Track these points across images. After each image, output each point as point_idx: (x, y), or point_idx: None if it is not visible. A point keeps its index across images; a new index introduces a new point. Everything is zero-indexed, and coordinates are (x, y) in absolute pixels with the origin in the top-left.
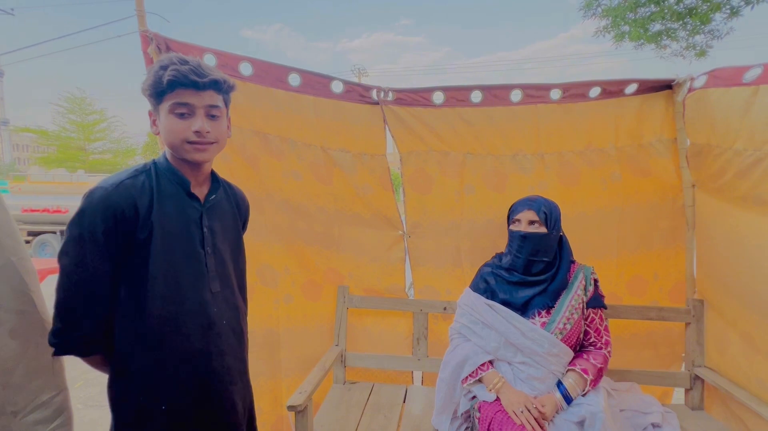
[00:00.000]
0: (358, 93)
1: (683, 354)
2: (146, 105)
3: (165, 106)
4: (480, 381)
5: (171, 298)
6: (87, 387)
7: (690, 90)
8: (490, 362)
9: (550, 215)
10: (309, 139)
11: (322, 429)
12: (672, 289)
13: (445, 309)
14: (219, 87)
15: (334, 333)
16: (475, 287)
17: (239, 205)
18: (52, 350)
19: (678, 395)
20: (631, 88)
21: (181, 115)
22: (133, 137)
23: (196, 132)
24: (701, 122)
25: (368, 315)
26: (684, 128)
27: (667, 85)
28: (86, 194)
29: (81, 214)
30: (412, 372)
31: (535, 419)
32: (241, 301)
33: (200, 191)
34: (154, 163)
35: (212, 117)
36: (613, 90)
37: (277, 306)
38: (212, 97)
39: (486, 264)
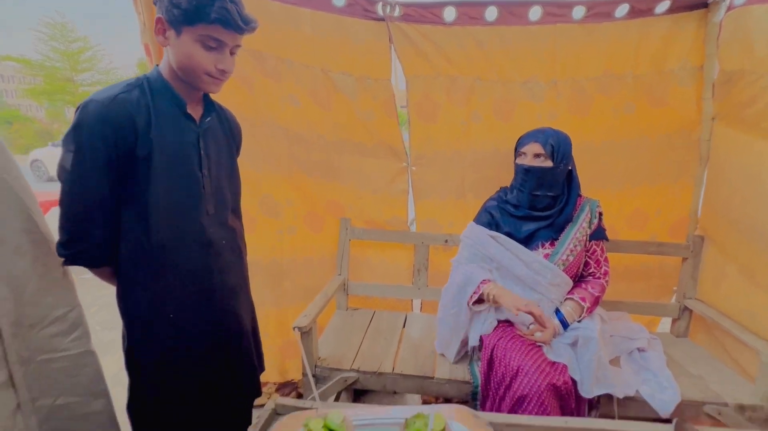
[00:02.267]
0: (361, 7)
1: (674, 288)
2: (132, 38)
3: (194, 32)
4: (481, 298)
5: (172, 218)
6: (101, 311)
7: (729, 8)
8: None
9: (557, 148)
10: (307, 59)
11: (326, 350)
12: (673, 225)
13: (446, 241)
14: (252, 31)
15: (336, 263)
16: (479, 221)
17: (232, 129)
18: (60, 268)
19: (663, 325)
20: (663, 7)
21: (209, 48)
22: (121, 69)
23: (221, 70)
24: (737, 45)
25: (370, 247)
26: (716, 53)
27: (702, 3)
28: (79, 108)
29: (77, 127)
30: (412, 300)
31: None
32: (238, 222)
33: (195, 112)
34: (147, 78)
35: (232, 53)
36: (642, 8)
37: (280, 238)
38: (241, 39)
39: (491, 198)
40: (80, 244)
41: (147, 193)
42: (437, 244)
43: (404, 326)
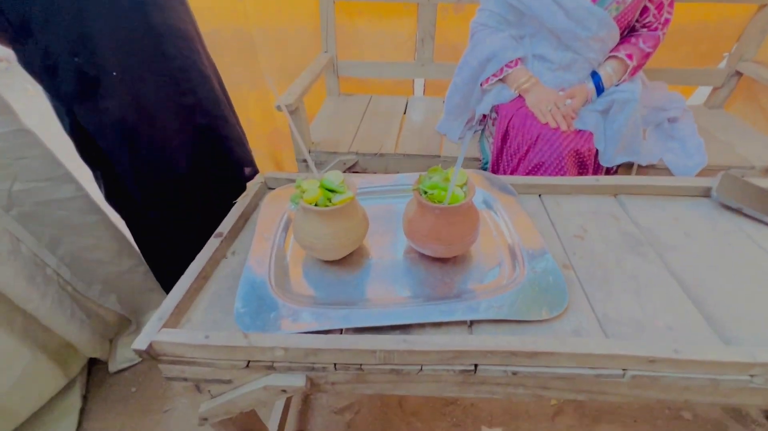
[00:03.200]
0: None
1: (727, 53)
2: None
3: None
4: (502, 81)
5: None
6: None
7: None
8: (520, 59)
9: None
10: None
11: (320, 134)
12: None
13: None
14: None
15: (321, 37)
16: None
17: None
18: None
19: (695, 100)
20: None
21: None
22: None
23: None
24: None
25: (361, 14)
26: None
27: None
28: None
29: None
30: (413, 83)
31: (563, 116)
32: None
33: None
34: None
35: None
36: None
37: None
38: None
39: None
40: None
41: None
42: (448, 2)
43: (405, 111)
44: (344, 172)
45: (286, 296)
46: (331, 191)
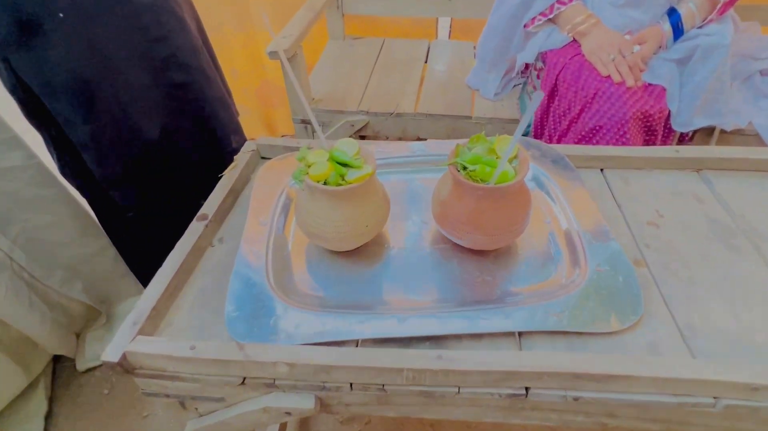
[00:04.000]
0: None
1: None
2: None
3: None
4: (552, 21)
5: None
6: None
7: None
8: None
9: None
10: None
11: (322, 88)
12: None
13: None
14: None
15: None
16: None
17: None
18: None
19: None
20: None
21: None
22: None
23: None
24: None
25: None
26: None
27: None
28: None
29: None
30: (437, 23)
31: (629, 67)
32: None
33: None
34: None
35: None
36: None
37: None
38: None
39: None
40: None
41: None
42: None
43: (426, 59)
44: (351, 135)
45: (288, 297)
46: (345, 165)
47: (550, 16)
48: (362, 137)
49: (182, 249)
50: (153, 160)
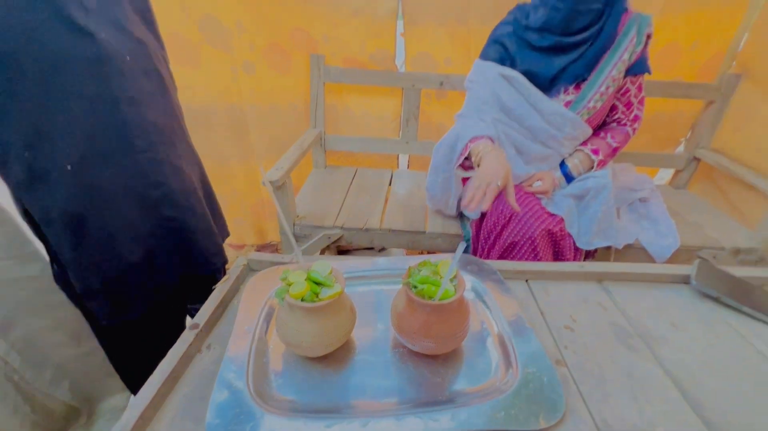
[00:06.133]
0: None
1: (683, 138)
2: None
3: None
4: (469, 159)
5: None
6: None
7: None
8: (491, 139)
9: None
10: None
11: (305, 207)
12: (705, 64)
13: (441, 84)
14: None
15: (309, 113)
16: (486, 55)
17: None
18: None
19: (659, 180)
20: None
21: None
22: None
23: None
24: None
25: (350, 93)
26: None
27: None
28: None
29: None
30: (398, 157)
31: (488, 199)
32: (150, 35)
33: None
34: None
35: None
36: None
37: (235, 77)
38: None
39: (504, 23)
40: None
41: None
42: (431, 87)
43: (390, 183)
44: (329, 245)
45: (266, 402)
46: (319, 284)
47: (466, 155)
48: (338, 248)
49: (173, 357)
50: (133, 279)
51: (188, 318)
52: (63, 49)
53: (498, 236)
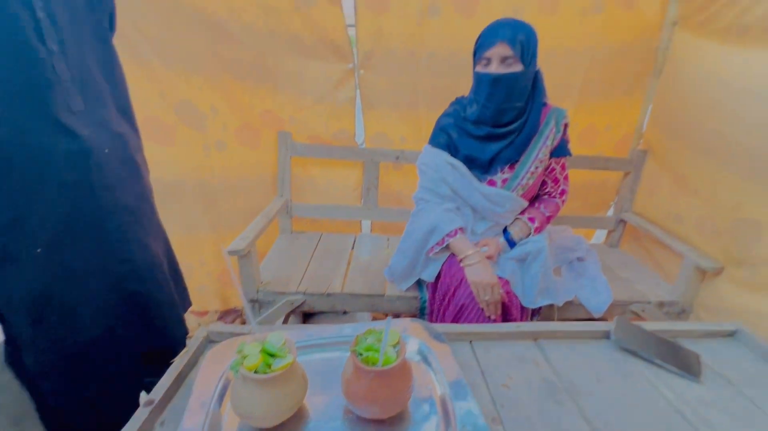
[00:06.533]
0: None
1: (612, 202)
2: None
3: None
4: (447, 248)
5: (6, 115)
6: None
7: None
8: (462, 230)
9: (527, 45)
10: None
11: (270, 273)
12: (619, 141)
13: (397, 158)
14: None
15: (277, 184)
16: (435, 142)
17: None
18: None
19: (597, 239)
20: None
21: None
22: None
23: None
24: None
25: (314, 165)
26: None
27: None
28: None
29: None
30: (361, 221)
31: (495, 304)
32: (128, 128)
33: None
34: None
35: None
36: None
37: (208, 154)
38: None
39: (446, 114)
40: None
41: None
42: (388, 161)
43: (353, 247)
44: (292, 311)
45: None
46: (272, 355)
47: (443, 246)
48: (303, 313)
49: None
50: (92, 353)
51: (143, 393)
52: (49, 144)
53: (451, 298)
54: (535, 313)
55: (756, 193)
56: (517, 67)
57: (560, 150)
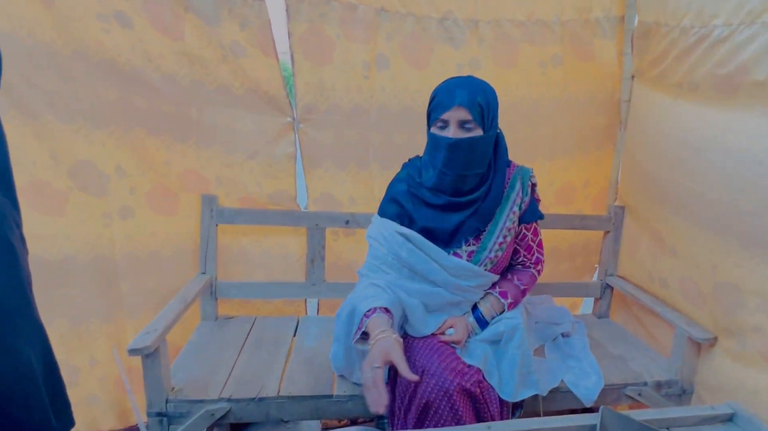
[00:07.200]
0: None
1: (596, 265)
2: None
3: None
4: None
5: None
6: None
7: None
8: (386, 309)
9: (487, 109)
10: None
11: (184, 375)
12: (596, 197)
13: (347, 222)
14: None
15: (199, 258)
16: (384, 212)
17: None
18: None
19: (585, 307)
20: None
21: None
22: None
23: None
24: None
25: (246, 234)
26: (635, 1)
27: None
28: None
29: None
30: (306, 301)
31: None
32: (5, 200)
33: None
34: None
35: None
36: None
37: (108, 223)
38: None
39: (398, 179)
40: None
41: None
42: (336, 226)
43: (295, 333)
44: (215, 424)
45: None
46: None
47: (363, 329)
48: (231, 424)
49: None
50: None
51: None
52: None
53: (413, 395)
54: (517, 407)
55: (730, 252)
56: (477, 132)
57: (530, 214)
